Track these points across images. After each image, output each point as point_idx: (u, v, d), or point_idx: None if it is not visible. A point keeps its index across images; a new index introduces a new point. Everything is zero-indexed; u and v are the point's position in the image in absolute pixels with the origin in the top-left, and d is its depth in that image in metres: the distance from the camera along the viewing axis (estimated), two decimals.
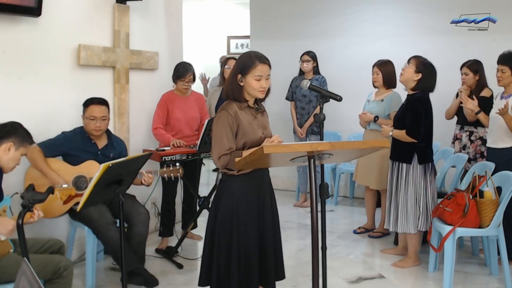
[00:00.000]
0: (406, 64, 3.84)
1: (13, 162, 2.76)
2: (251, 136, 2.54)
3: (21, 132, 2.78)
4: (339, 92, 2.71)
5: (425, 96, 3.78)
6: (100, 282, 3.69)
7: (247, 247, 2.55)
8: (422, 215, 3.80)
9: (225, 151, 2.49)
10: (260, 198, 2.63)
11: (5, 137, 2.72)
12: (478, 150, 4.59)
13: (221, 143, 2.49)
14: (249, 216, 2.58)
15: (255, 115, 2.62)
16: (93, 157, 3.56)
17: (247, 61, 2.54)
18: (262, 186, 2.65)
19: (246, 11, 7.39)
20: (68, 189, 3.36)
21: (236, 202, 2.56)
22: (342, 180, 6.26)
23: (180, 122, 4.36)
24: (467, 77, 4.61)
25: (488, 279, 3.79)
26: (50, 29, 3.70)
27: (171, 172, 3.62)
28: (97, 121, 3.56)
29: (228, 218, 2.57)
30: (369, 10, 6.15)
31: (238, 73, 2.54)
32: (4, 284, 2.59)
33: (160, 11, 4.87)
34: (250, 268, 2.56)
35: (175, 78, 4.37)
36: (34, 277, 1.27)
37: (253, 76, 2.51)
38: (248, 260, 2.56)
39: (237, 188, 2.58)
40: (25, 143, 2.79)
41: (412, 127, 3.74)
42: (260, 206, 2.62)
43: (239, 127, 2.52)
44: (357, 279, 3.79)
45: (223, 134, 2.49)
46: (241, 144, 2.53)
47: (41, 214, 2.68)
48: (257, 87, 2.52)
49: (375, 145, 2.50)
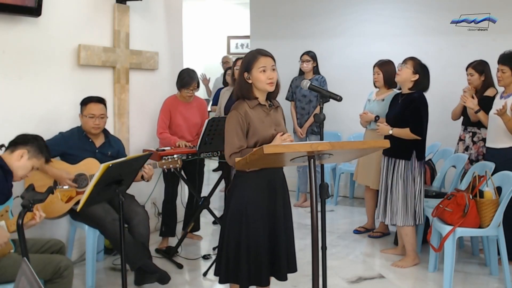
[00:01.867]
0: (401, 65, 3.92)
1: (22, 171, 2.76)
2: (262, 134, 2.59)
3: (39, 144, 2.80)
4: (339, 92, 2.72)
5: (423, 95, 3.87)
6: (100, 282, 3.69)
7: (257, 242, 2.60)
8: (418, 209, 3.90)
9: (235, 149, 2.54)
10: (272, 194, 2.66)
11: (22, 144, 2.74)
12: (480, 152, 4.57)
13: (232, 142, 2.56)
14: (259, 212, 2.62)
15: (268, 112, 2.65)
16: (91, 155, 3.57)
17: (249, 57, 2.62)
18: (274, 183, 2.68)
19: (246, 11, 7.39)
20: (69, 191, 3.36)
21: (246, 197, 2.62)
22: (342, 180, 6.26)
23: (181, 128, 4.39)
24: (472, 78, 4.59)
25: (488, 279, 3.79)
26: (50, 29, 3.70)
27: (169, 163, 3.62)
28: (96, 119, 3.58)
29: (238, 213, 2.62)
30: (369, 10, 6.15)
31: (244, 71, 2.60)
32: (4, 284, 2.59)
33: (160, 11, 4.87)
34: (260, 262, 2.61)
35: (179, 86, 4.37)
36: (34, 277, 1.27)
37: (257, 69, 2.56)
38: (258, 255, 2.60)
39: (248, 184, 2.63)
40: (39, 155, 2.79)
41: (417, 125, 3.82)
42: (271, 202, 2.66)
43: (250, 126, 2.57)
44: (357, 279, 3.79)
45: (233, 133, 2.55)
46: (253, 143, 2.58)
47: (43, 215, 2.69)
48: (264, 79, 2.57)
49: (375, 145, 2.51)
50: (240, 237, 2.60)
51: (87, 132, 3.62)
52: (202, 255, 4.21)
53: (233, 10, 10.16)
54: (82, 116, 3.62)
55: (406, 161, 3.87)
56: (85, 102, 3.62)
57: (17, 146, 2.74)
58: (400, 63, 3.93)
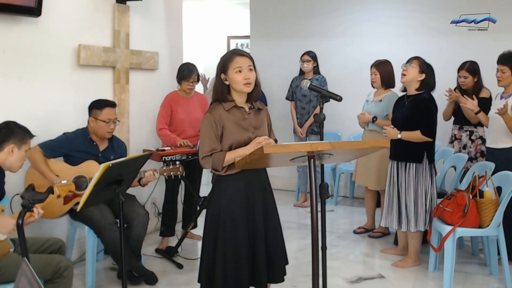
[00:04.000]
0: (405, 65, 3.83)
1: (19, 161, 2.78)
2: (237, 137, 2.52)
3: (18, 130, 2.77)
4: (339, 92, 2.71)
5: (431, 95, 3.80)
6: (100, 282, 3.69)
7: (234, 246, 2.53)
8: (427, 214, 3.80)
9: (206, 152, 2.51)
10: (250, 197, 2.58)
11: (5, 141, 2.72)
12: (478, 150, 4.59)
13: (203, 145, 2.53)
14: (237, 215, 2.55)
15: (245, 115, 2.57)
16: (93, 159, 3.55)
17: (225, 58, 2.54)
18: (252, 186, 2.59)
19: (246, 11, 7.38)
20: (68, 185, 3.34)
21: (224, 201, 2.57)
22: (342, 180, 6.26)
23: (183, 123, 4.37)
24: (466, 80, 4.59)
25: (488, 279, 3.79)
26: (50, 29, 3.70)
27: (171, 170, 3.63)
28: (111, 123, 3.57)
29: (215, 217, 2.58)
30: (369, 10, 6.15)
31: (221, 73, 2.53)
32: (4, 284, 2.59)
33: (160, 11, 4.87)
34: (237, 267, 2.53)
35: (179, 79, 4.38)
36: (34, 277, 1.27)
37: (233, 70, 2.48)
38: (236, 259, 2.53)
39: (225, 187, 2.58)
40: (25, 139, 2.79)
41: (428, 126, 3.73)
42: (250, 206, 2.58)
43: (224, 129, 2.52)
44: (357, 279, 3.79)
45: (206, 136, 2.52)
46: (227, 146, 2.53)
47: (41, 211, 2.67)
48: (240, 79, 2.47)
49: (375, 145, 2.51)
50: (217, 239, 2.54)
51: (98, 136, 3.60)
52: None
53: (233, 10, 10.15)
54: (95, 120, 3.56)
55: (417, 164, 3.77)
56: (100, 106, 3.57)
57: (2, 144, 2.72)
58: (405, 64, 3.84)
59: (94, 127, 3.58)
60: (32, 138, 2.86)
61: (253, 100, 2.62)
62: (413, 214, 3.81)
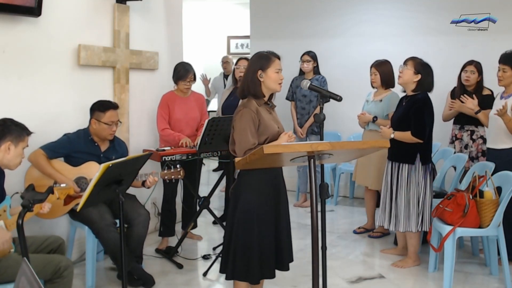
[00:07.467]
0: (402, 66, 3.84)
1: (17, 159, 2.77)
2: (271, 131, 2.69)
3: (14, 128, 2.76)
4: (339, 92, 2.73)
5: (427, 96, 3.79)
6: (100, 282, 3.69)
7: (267, 241, 2.69)
8: (424, 215, 3.81)
9: (250, 146, 2.60)
10: (276, 192, 2.77)
11: (1, 138, 2.71)
12: (479, 149, 4.59)
13: (246, 139, 2.62)
14: (267, 207, 2.71)
15: (270, 111, 2.79)
16: (95, 159, 3.54)
17: (265, 58, 2.75)
18: (277, 180, 2.80)
19: (246, 11, 7.39)
20: (67, 189, 3.36)
21: (255, 198, 2.68)
22: (342, 180, 6.25)
23: (180, 123, 4.36)
24: (472, 76, 4.56)
25: (488, 279, 3.79)
26: (50, 29, 3.70)
27: (171, 174, 3.62)
28: (113, 125, 3.56)
29: (248, 214, 2.68)
30: (369, 10, 6.15)
31: (259, 69, 2.70)
32: (4, 284, 2.59)
33: (160, 11, 4.87)
34: (269, 259, 2.70)
35: (176, 78, 4.37)
36: (34, 277, 1.27)
37: (274, 70, 2.72)
38: (269, 253, 2.70)
39: (255, 181, 2.70)
40: (22, 137, 2.78)
41: (418, 128, 3.72)
42: (276, 200, 2.76)
43: (261, 123, 2.66)
44: (357, 279, 3.79)
45: (247, 130, 2.62)
46: (263, 139, 2.66)
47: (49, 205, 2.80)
48: (278, 79, 2.72)
49: (375, 145, 2.51)
50: (251, 237, 2.66)
51: (100, 137, 3.59)
52: (202, 255, 4.21)
53: (233, 10, 10.16)
54: (97, 122, 3.54)
55: (409, 165, 3.79)
56: (103, 109, 3.55)
57: None
58: (401, 65, 3.85)
59: (96, 129, 3.57)
60: (29, 135, 2.84)
61: (270, 99, 2.83)
62: (404, 215, 3.83)
